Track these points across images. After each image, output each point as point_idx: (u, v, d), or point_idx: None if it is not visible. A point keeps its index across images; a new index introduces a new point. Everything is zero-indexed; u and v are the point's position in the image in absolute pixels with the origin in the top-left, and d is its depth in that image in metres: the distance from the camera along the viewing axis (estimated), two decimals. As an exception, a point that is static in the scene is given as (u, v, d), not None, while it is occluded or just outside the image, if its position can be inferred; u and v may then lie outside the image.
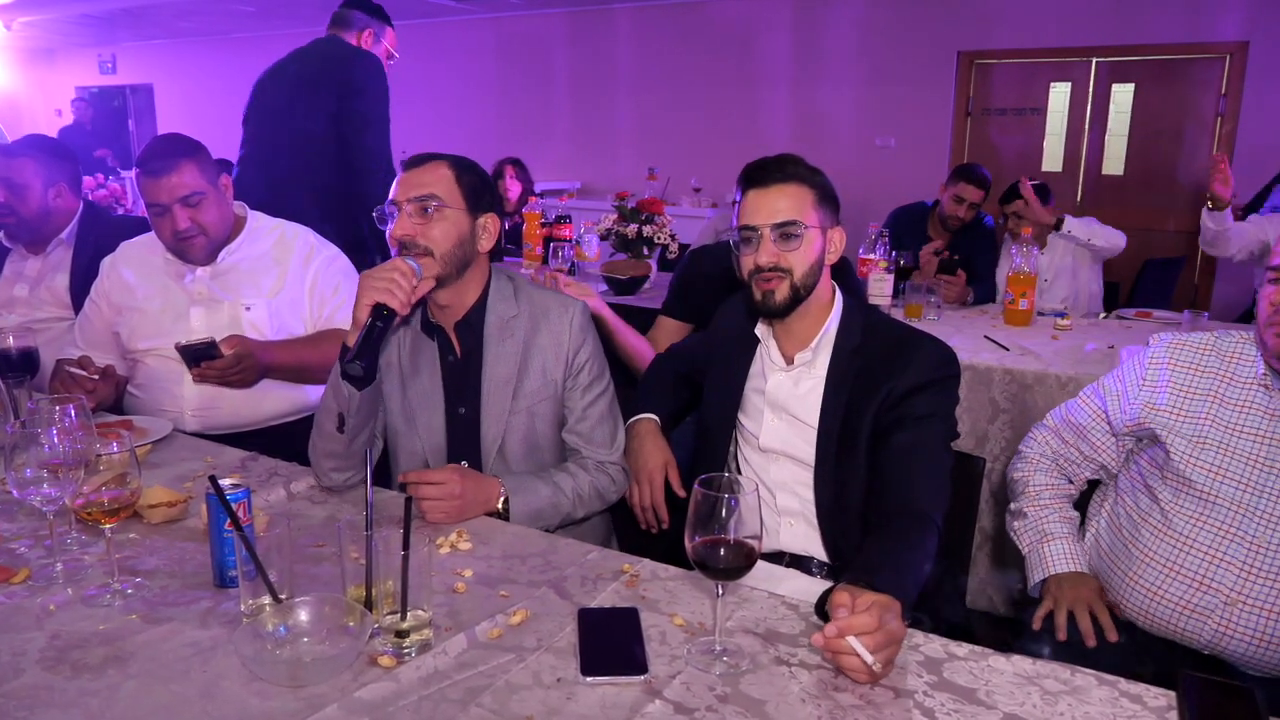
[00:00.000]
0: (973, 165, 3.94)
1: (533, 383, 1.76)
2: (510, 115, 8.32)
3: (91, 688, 1.09)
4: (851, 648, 1.09)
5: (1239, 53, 5.68)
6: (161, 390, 2.20)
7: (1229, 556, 1.50)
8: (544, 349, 1.76)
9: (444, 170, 1.66)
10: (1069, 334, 3.22)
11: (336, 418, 1.63)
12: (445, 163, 1.67)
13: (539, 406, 1.77)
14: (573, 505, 1.73)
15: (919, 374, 1.58)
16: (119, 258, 2.32)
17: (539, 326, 1.76)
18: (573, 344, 1.76)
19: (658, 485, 1.81)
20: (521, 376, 1.75)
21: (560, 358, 1.76)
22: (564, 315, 1.77)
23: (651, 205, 3.85)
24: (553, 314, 1.77)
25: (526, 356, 1.75)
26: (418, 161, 1.67)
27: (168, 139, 2.19)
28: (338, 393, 1.62)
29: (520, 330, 1.76)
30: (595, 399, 1.79)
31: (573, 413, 1.79)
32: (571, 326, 1.76)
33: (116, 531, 1.36)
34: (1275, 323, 1.44)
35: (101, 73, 11.20)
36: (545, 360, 1.76)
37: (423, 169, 1.66)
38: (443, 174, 1.66)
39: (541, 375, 1.76)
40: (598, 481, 1.77)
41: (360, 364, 1.54)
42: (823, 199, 1.61)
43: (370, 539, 1.18)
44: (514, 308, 1.77)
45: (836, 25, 6.86)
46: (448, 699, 1.08)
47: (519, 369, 1.75)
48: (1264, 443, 1.50)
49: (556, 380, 1.77)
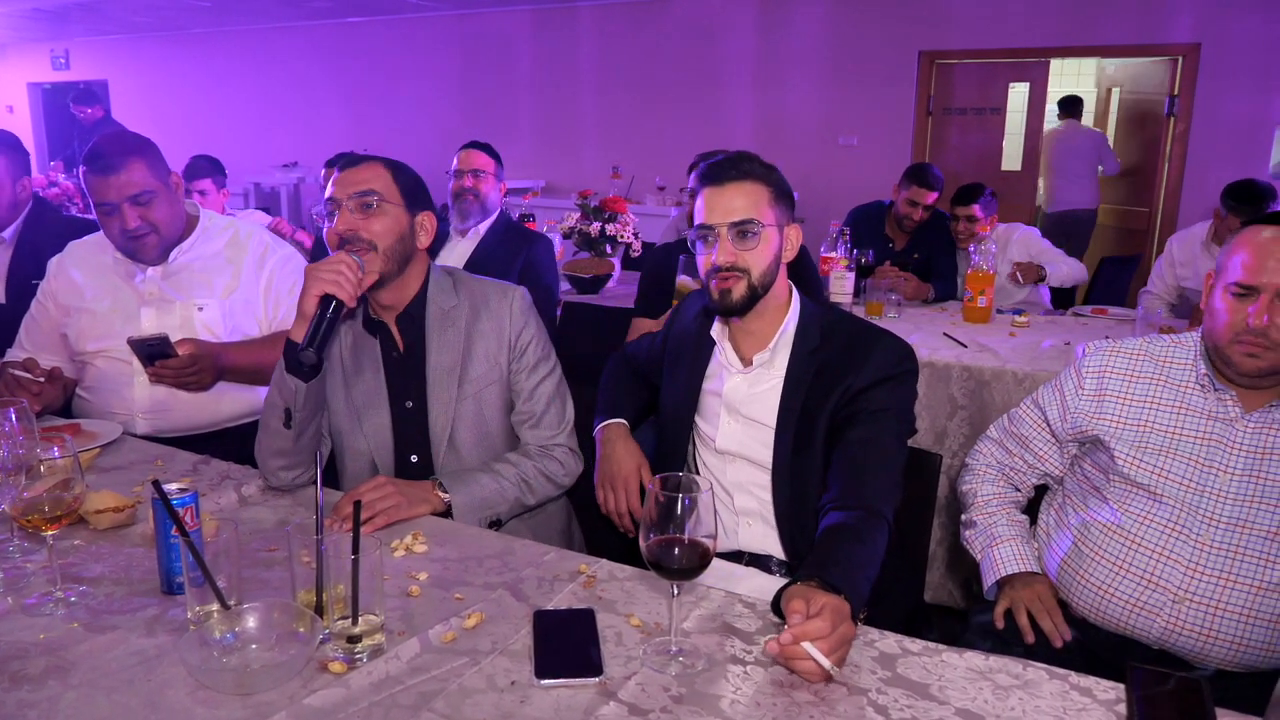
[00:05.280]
0: (925, 166, 3.97)
1: (477, 368, 1.77)
2: (474, 113, 8.27)
3: (31, 699, 1.06)
4: (807, 653, 1.09)
5: (1191, 54, 5.80)
6: (111, 393, 2.16)
7: (1175, 555, 1.52)
8: (486, 334, 1.78)
9: (380, 169, 1.70)
10: (1026, 331, 3.26)
11: (283, 413, 1.63)
12: (380, 162, 1.71)
13: (485, 392, 1.79)
14: (520, 491, 1.74)
15: (876, 370, 1.59)
16: (67, 257, 2.26)
17: (479, 314, 1.79)
18: (514, 327, 1.79)
19: (633, 490, 1.78)
20: (465, 363, 1.77)
21: (503, 341, 1.79)
22: (504, 300, 1.80)
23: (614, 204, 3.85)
24: (492, 300, 1.80)
25: (469, 343, 1.77)
26: (353, 161, 1.70)
27: (116, 136, 2.14)
28: (283, 388, 1.62)
29: (461, 319, 1.78)
30: (543, 379, 1.82)
31: (520, 394, 1.81)
32: (512, 310, 1.79)
33: (60, 538, 1.33)
34: (1245, 341, 1.46)
35: (54, 68, 10.95)
36: (488, 345, 1.78)
37: (360, 168, 1.68)
38: (379, 172, 1.69)
39: (485, 360, 1.78)
40: (544, 466, 1.78)
41: (313, 351, 1.54)
42: (778, 196, 1.61)
43: (320, 543, 1.17)
44: (454, 298, 1.79)
45: (800, 24, 6.90)
46: (399, 704, 1.07)
47: (462, 356, 1.77)
48: (1204, 443, 1.53)
49: (501, 364, 1.79)
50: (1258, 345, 1.45)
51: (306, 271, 1.56)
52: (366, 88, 8.90)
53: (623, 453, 1.81)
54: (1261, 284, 1.45)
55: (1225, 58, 5.67)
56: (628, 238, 3.86)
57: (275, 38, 9.38)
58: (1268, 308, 1.44)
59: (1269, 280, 1.44)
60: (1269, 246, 1.45)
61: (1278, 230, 1.46)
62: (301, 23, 9.12)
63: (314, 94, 9.22)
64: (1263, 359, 1.46)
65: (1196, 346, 1.59)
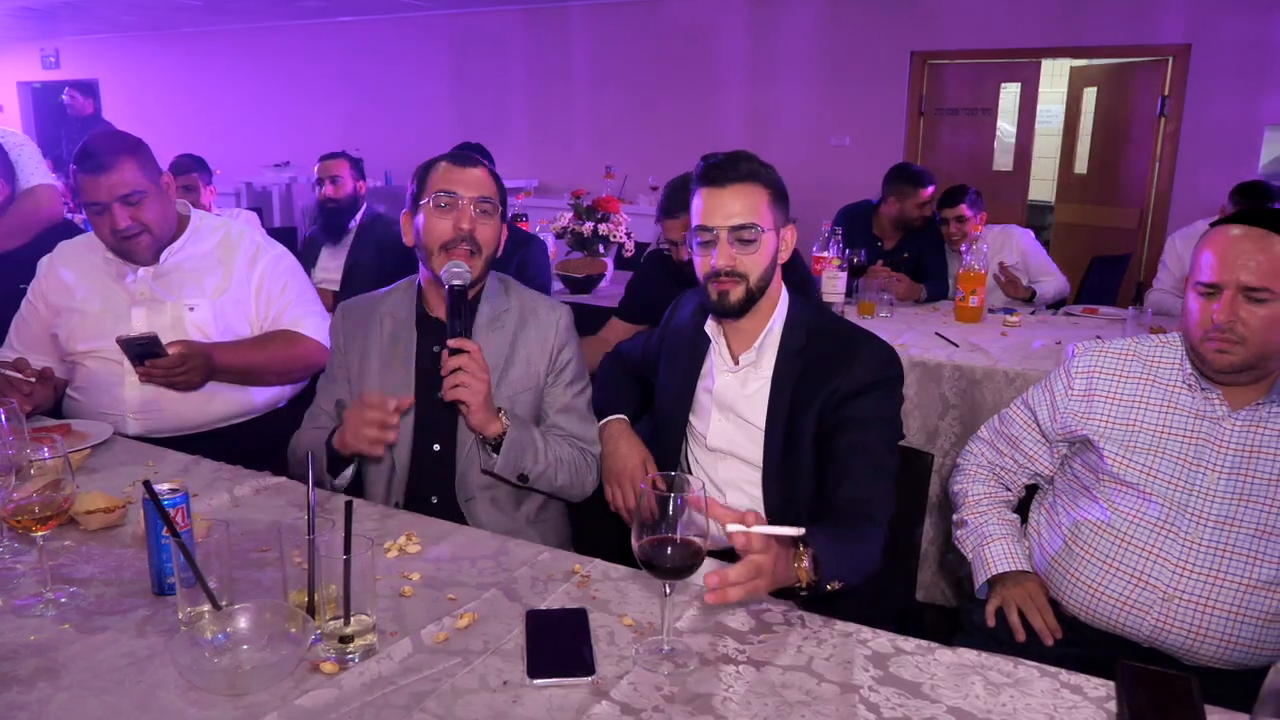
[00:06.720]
0: (908, 166, 4.01)
1: (516, 371, 1.80)
2: (467, 113, 8.25)
3: (20, 700, 1.06)
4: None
5: (1181, 55, 5.82)
6: (102, 393, 2.15)
7: (1165, 553, 1.53)
8: (530, 342, 1.82)
9: (490, 176, 1.76)
10: (1018, 330, 3.27)
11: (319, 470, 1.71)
12: (488, 169, 1.77)
13: (520, 396, 1.80)
14: (555, 466, 1.74)
15: (861, 375, 1.59)
16: (57, 257, 2.25)
17: (527, 322, 1.83)
18: (558, 342, 1.83)
19: (640, 484, 1.76)
20: (507, 366, 1.79)
21: (545, 353, 1.82)
22: (552, 314, 1.85)
23: (607, 204, 3.85)
24: (541, 312, 1.84)
25: (513, 348, 1.81)
26: (475, 162, 1.75)
27: (107, 136, 2.13)
28: (323, 473, 1.72)
29: (510, 324, 1.82)
30: (579, 393, 1.86)
31: (555, 404, 1.83)
32: (558, 326, 1.84)
33: (50, 539, 1.32)
34: (1214, 338, 1.48)
35: (44, 68, 10.89)
36: (530, 353, 1.81)
37: (479, 169, 1.74)
38: (490, 178, 1.76)
39: (525, 366, 1.81)
40: (577, 458, 1.79)
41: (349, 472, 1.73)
42: (776, 197, 1.62)
43: (312, 543, 1.16)
44: (505, 302, 1.84)
45: (792, 25, 6.90)
46: (391, 704, 1.07)
47: (505, 359, 1.79)
48: (1192, 442, 1.54)
49: (539, 373, 1.82)
50: (1226, 341, 1.46)
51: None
52: (358, 87, 8.88)
53: (627, 448, 1.81)
54: (1224, 281, 1.46)
55: (1215, 58, 5.69)
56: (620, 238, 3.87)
57: (266, 37, 9.35)
58: (1230, 303, 1.45)
59: (1231, 277, 1.45)
60: (1235, 244, 1.46)
61: (1246, 228, 1.46)
62: (293, 22, 9.09)
63: (305, 93, 9.19)
64: (1233, 354, 1.47)
65: (1183, 346, 1.60)
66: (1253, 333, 1.45)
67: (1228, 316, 1.45)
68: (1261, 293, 1.43)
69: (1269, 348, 1.46)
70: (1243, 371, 1.49)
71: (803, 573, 1.28)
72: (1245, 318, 1.45)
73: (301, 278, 2.35)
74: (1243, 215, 1.49)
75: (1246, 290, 1.44)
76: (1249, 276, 1.44)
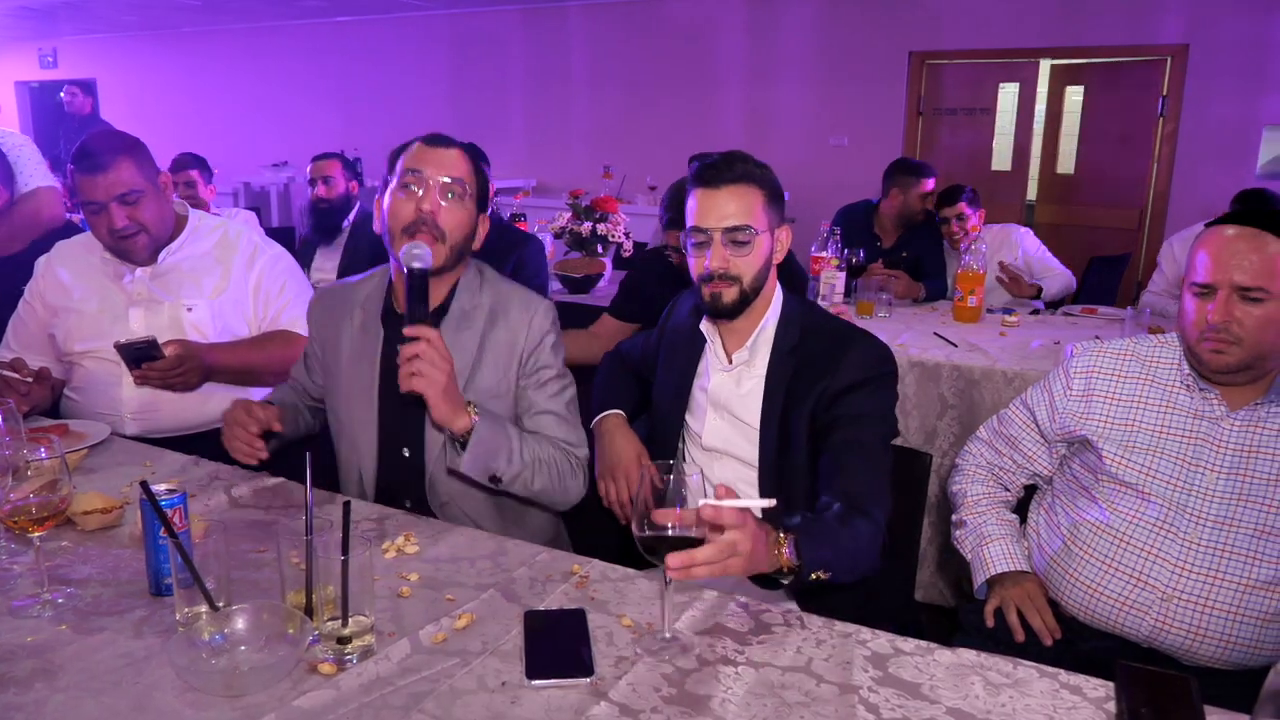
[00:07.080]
0: (917, 162, 4.00)
1: (485, 379, 1.69)
2: (465, 113, 8.25)
3: (17, 702, 1.06)
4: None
5: (1179, 55, 5.82)
6: (100, 393, 2.14)
7: (1164, 553, 1.53)
8: (498, 345, 1.70)
9: (466, 159, 1.66)
10: (1016, 330, 3.27)
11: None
12: (464, 152, 1.67)
13: (489, 404, 1.68)
14: (531, 467, 1.61)
15: (852, 373, 1.58)
16: (54, 257, 2.25)
17: (497, 321, 1.70)
18: (528, 345, 1.70)
19: (634, 479, 1.73)
20: (474, 372, 1.68)
21: (514, 355, 1.70)
22: (523, 314, 1.71)
23: (605, 204, 3.85)
24: (513, 311, 1.71)
25: (481, 351, 1.69)
26: (448, 143, 1.66)
27: (105, 135, 2.13)
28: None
29: (479, 323, 1.70)
30: (556, 394, 1.73)
31: (530, 408, 1.71)
32: (530, 327, 1.70)
33: (47, 540, 1.32)
34: (1209, 338, 1.48)
35: (42, 67, 10.89)
36: (499, 357, 1.70)
37: (452, 150, 1.65)
38: (465, 161, 1.66)
39: (494, 372, 1.70)
40: (559, 459, 1.66)
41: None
42: (771, 198, 1.61)
43: (310, 543, 1.16)
44: (476, 298, 1.72)
45: (791, 25, 6.90)
46: (389, 705, 1.07)
47: (473, 363, 1.69)
48: (1191, 442, 1.54)
49: (510, 379, 1.71)
50: (1221, 341, 1.47)
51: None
52: (356, 87, 8.87)
53: (622, 443, 1.79)
54: (1219, 281, 1.46)
55: (1214, 58, 5.70)
56: (619, 237, 3.86)
57: (265, 37, 9.34)
58: (1225, 303, 1.45)
59: (1225, 277, 1.45)
60: (1229, 244, 1.46)
61: (1240, 228, 1.46)
62: (291, 21, 9.08)
63: (304, 93, 9.19)
64: (1229, 354, 1.47)
65: (1181, 347, 1.60)
66: (1248, 333, 1.45)
67: (1222, 316, 1.45)
68: (1256, 292, 1.43)
69: (1265, 347, 1.46)
70: (1240, 371, 1.49)
71: (783, 559, 1.26)
72: (1240, 318, 1.45)
73: (300, 278, 2.34)
74: (1237, 215, 1.49)
75: (1241, 290, 1.44)
76: (1243, 276, 1.44)
